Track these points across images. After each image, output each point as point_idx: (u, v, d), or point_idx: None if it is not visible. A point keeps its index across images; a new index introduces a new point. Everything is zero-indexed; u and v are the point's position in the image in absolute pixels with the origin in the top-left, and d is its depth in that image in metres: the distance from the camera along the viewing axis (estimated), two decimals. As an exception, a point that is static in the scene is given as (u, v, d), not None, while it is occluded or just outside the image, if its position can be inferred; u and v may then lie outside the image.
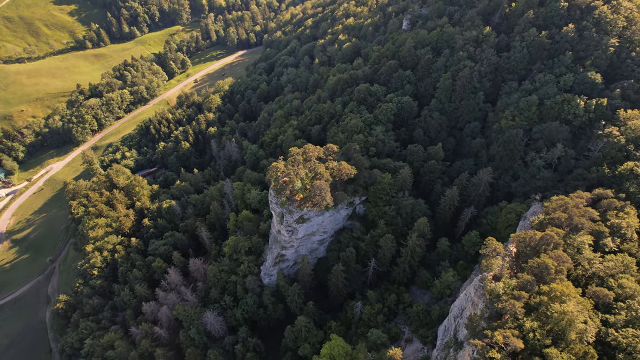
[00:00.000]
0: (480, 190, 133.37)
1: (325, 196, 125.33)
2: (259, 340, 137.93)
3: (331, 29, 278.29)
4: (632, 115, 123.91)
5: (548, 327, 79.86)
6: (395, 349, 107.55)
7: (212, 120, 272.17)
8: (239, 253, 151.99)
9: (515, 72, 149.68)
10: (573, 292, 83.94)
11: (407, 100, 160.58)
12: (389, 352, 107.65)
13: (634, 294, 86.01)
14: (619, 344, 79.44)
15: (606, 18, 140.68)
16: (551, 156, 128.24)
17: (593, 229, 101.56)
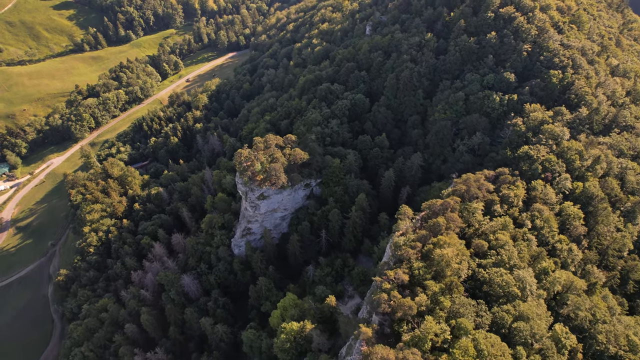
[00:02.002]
0: (413, 172, 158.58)
1: (280, 176, 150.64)
2: (228, 300, 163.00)
3: (308, 34, 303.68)
4: (535, 108, 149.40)
5: (434, 268, 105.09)
6: (331, 296, 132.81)
7: (199, 118, 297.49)
8: (213, 228, 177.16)
9: (450, 73, 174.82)
10: (455, 242, 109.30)
11: (360, 97, 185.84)
12: (326, 300, 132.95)
13: (504, 244, 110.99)
14: (485, 279, 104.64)
15: (522, 27, 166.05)
16: (472, 143, 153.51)
17: (488, 198, 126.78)
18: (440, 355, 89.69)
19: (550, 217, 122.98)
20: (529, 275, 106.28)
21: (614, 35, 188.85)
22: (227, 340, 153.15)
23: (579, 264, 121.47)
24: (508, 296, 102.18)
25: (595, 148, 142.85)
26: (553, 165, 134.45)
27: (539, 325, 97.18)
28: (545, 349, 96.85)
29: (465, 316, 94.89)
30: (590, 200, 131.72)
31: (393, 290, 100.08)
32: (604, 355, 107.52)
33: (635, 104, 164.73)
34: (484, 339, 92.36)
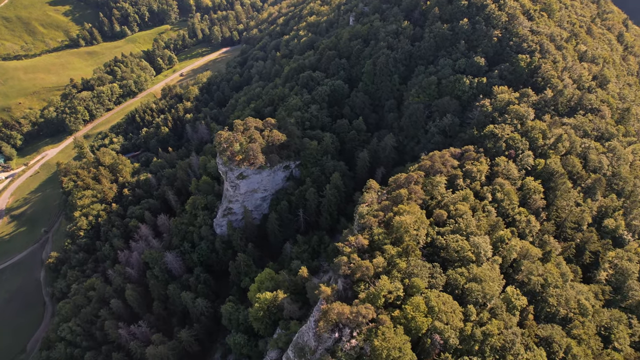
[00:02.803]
0: (387, 152, 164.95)
1: (258, 156, 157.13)
2: (209, 276, 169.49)
3: (297, 26, 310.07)
4: (502, 90, 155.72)
5: (393, 234, 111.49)
6: (303, 268, 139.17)
7: (190, 109, 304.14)
8: (196, 209, 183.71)
9: (425, 58, 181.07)
10: (415, 210, 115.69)
11: (339, 83, 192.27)
12: (299, 272, 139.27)
13: (463, 214, 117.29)
14: (442, 245, 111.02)
15: (494, 14, 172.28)
16: (443, 124, 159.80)
17: (452, 173, 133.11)
18: (394, 311, 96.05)
19: (510, 191, 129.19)
20: (485, 242, 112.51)
21: (586, 23, 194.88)
22: (207, 314, 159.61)
23: (537, 234, 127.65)
24: (463, 260, 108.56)
25: (559, 128, 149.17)
26: (517, 143, 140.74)
27: (490, 287, 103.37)
28: (495, 308, 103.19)
29: (419, 276, 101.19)
30: (551, 176, 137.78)
31: (353, 254, 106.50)
32: (555, 316, 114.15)
33: (602, 88, 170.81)
34: (436, 297, 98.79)
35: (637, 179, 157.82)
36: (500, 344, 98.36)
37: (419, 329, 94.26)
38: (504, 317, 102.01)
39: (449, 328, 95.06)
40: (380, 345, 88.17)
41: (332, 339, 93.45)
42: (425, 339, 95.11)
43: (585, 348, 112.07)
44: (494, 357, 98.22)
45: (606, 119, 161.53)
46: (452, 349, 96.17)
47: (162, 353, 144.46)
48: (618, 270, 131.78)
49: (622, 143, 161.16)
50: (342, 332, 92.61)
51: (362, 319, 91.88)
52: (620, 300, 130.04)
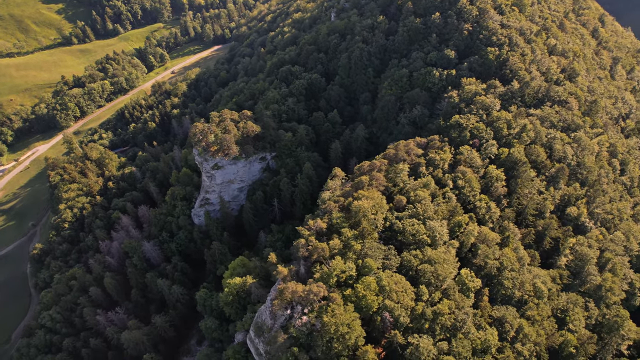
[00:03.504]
0: (359, 143, 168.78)
1: (232, 146, 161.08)
2: (186, 265, 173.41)
3: (283, 23, 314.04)
4: (470, 82, 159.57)
5: (352, 218, 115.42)
6: (272, 254, 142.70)
7: (177, 104, 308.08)
8: (175, 200, 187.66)
9: (398, 52, 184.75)
10: (375, 196, 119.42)
11: (316, 77, 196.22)
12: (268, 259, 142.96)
13: (421, 200, 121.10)
14: (399, 228, 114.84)
15: (465, 8, 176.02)
16: (413, 115, 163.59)
17: (415, 161, 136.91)
18: (346, 290, 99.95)
19: (472, 178, 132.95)
20: (441, 226, 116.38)
21: (558, 18, 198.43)
22: (183, 301, 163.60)
23: (497, 220, 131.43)
24: (418, 243, 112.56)
25: (524, 119, 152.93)
26: (481, 133, 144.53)
27: (443, 269, 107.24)
28: (448, 289, 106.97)
29: (373, 258, 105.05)
30: (515, 165, 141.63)
31: (311, 237, 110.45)
32: (511, 299, 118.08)
33: (571, 81, 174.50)
34: (388, 277, 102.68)
35: (602, 169, 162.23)
36: (451, 323, 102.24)
37: (369, 307, 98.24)
38: (456, 297, 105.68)
39: (399, 307, 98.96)
40: (329, 321, 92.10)
41: (284, 316, 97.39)
42: (375, 317, 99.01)
43: (539, 328, 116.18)
44: (444, 335, 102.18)
45: (573, 110, 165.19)
46: (402, 326, 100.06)
47: (136, 338, 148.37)
48: (578, 256, 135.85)
49: (589, 134, 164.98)
50: (294, 310, 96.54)
51: (314, 296, 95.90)
52: (579, 285, 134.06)
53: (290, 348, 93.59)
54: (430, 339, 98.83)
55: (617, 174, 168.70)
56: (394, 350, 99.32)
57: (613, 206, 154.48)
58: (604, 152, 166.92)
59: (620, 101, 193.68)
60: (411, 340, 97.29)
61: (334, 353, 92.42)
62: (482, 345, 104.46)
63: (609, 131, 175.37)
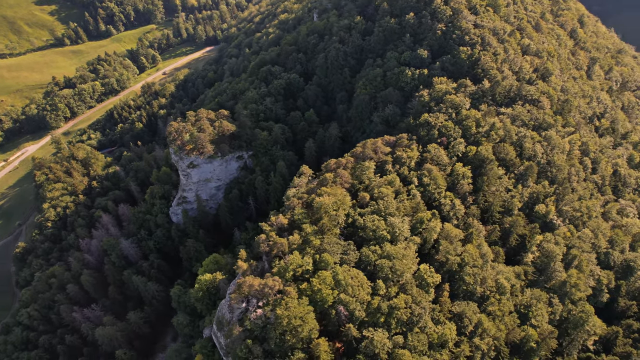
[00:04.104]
0: (332, 142, 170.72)
1: (206, 145, 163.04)
2: (163, 262, 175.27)
3: (269, 24, 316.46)
4: (441, 81, 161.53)
5: (314, 215, 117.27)
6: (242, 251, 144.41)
7: (165, 105, 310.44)
8: (154, 198, 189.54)
9: (374, 52, 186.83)
10: (338, 193, 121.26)
11: (294, 77, 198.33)
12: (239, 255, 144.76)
13: (384, 197, 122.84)
14: (361, 224, 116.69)
15: (439, 8, 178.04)
16: (385, 114, 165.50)
17: (382, 159, 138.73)
18: (302, 284, 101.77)
19: (438, 176, 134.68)
20: (402, 222, 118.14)
21: (534, 19, 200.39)
22: (159, 298, 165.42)
23: (462, 217, 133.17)
24: (378, 239, 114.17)
25: (494, 117, 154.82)
26: (449, 131, 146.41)
27: (401, 264, 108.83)
28: (406, 284, 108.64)
29: (330, 253, 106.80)
30: (483, 163, 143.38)
31: (272, 232, 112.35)
32: (472, 294, 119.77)
33: (544, 81, 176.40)
34: (345, 272, 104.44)
35: (573, 168, 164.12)
36: (407, 317, 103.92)
37: (325, 301, 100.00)
38: (414, 292, 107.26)
39: (354, 301, 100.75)
40: (283, 314, 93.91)
41: (241, 309, 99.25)
42: (330, 311, 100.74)
43: (499, 324, 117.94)
44: (400, 329, 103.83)
45: (545, 109, 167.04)
46: (358, 320, 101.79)
47: (110, 334, 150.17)
48: (544, 253, 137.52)
49: (561, 133, 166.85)
50: (250, 303, 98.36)
51: (269, 290, 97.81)
52: (545, 281, 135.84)
53: (244, 340, 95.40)
54: (386, 332, 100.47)
55: (589, 172, 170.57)
56: (352, 344, 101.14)
57: (582, 204, 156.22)
58: (575, 151, 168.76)
59: (595, 101, 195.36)
60: (366, 333, 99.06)
61: (288, 345, 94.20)
62: (439, 339, 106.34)
63: (582, 130, 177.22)
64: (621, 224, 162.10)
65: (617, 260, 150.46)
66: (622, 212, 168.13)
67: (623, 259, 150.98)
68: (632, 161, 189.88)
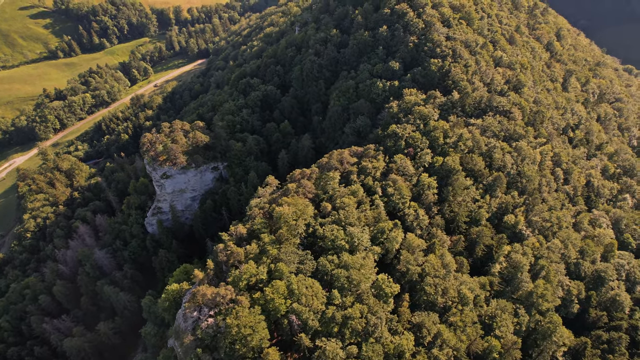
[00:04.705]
0: (305, 153, 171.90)
1: (179, 156, 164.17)
2: (137, 272, 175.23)
3: (256, 37, 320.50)
4: (411, 92, 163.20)
5: (274, 224, 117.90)
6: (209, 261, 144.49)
7: (151, 116, 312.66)
8: (130, 209, 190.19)
9: (349, 64, 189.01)
10: (299, 203, 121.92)
11: (271, 89, 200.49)
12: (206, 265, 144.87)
13: (345, 207, 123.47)
14: (320, 234, 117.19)
15: (411, 21, 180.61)
16: (357, 125, 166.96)
17: (348, 169, 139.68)
18: (255, 293, 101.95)
19: (402, 186, 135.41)
20: (361, 232, 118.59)
21: (508, 32, 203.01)
22: (131, 308, 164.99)
23: (425, 227, 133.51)
24: (336, 249, 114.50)
25: (463, 128, 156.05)
26: (416, 142, 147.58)
27: (357, 274, 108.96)
28: (362, 294, 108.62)
29: (286, 262, 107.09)
30: (449, 173, 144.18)
31: (230, 242, 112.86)
32: (434, 305, 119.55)
33: (517, 92, 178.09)
34: (299, 281, 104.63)
35: (544, 178, 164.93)
36: (362, 327, 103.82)
37: (277, 310, 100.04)
38: (370, 302, 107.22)
39: (307, 310, 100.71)
40: (232, 323, 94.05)
41: (193, 318, 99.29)
42: (283, 320, 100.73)
43: (461, 334, 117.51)
44: (355, 339, 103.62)
45: (516, 120, 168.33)
46: (311, 330, 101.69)
47: (78, 345, 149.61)
48: (511, 264, 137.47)
49: (532, 144, 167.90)
50: (202, 312, 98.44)
51: (221, 299, 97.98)
52: (512, 292, 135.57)
53: (195, 349, 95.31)
54: (340, 342, 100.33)
55: (561, 183, 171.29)
56: (305, 354, 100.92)
57: (553, 214, 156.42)
58: (547, 162, 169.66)
59: (569, 112, 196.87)
60: (319, 343, 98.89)
61: (238, 355, 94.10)
62: (396, 350, 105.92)
63: (554, 141, 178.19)
64: (593, 234, 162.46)
65: (588, 270, 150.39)
66: (594, 222, 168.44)
67: (594, 270, 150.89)
68: (607, 172, 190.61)
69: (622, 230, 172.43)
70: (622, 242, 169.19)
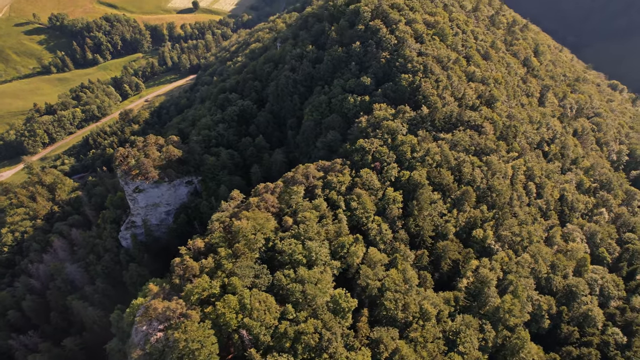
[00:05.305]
0: (277, 167, 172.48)
1: (150, 170, 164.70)
2: (109, 287, 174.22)
3: (242, 53, 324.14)
4: (381, 107, 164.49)
5: (234, 238, 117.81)
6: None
7: (137, 131, 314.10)
8: (105, 222, 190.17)
9: (323, 79, 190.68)
10: (259, 217, 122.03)
11: (248, 104, 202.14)
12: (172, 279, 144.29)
13: (306, 222, 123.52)
14: (279, 248, 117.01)
15: (384, 37, 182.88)
16: (327, 140, 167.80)
17: (313, 184, 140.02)
18: (207, 307, 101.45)
19: (366, 200, 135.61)
20: (320, 246, 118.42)
21: (483, 48, 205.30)
22: (100, 323, 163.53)
23: (389, 242, 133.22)
24: (293, 263, 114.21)
25: (431, 142, 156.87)
26: (383, 156, 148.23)
27: (313, 288, 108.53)
28: (317, 308, 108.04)
29: (242, 277, 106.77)
30: (416, 187, 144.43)
31: (186, 256, 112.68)
32: (395, 320, 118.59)
33: (489, 107, 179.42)
34: (253, 295, 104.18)
35: (515, 192, 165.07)
36: (315, 342, 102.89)
37: (228, 325, 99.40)
38: (325, 317, 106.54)
39: (259, 325, 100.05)
40: (180, 337, 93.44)
41: (143, 332, 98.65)
42: (233, 335, 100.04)
43: (421, 350, 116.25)
44: (308, 355, 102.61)
45: (488, 135, 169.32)
46: (263, 345, 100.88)
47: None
48: (478, 278, 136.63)
49: (504, 158, 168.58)
50: (151, 326, 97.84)
51: (171, 313, 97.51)
52: (479, 307, 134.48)
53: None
54: (292, 358, 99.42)
55: (533, 197, 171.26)
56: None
57: (523, 229, 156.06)
58: (520, 176, 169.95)
59: (544, 127, 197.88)
60: (270, 359, 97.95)
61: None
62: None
63: (527, 155, 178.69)
64: (565, 248, 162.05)
65: (559, 285, 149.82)
66: (567, 236, 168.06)
67: (565, 284, 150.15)
68: (582, 186, 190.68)
69: (597, 245, 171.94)
70: (597, 256, 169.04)
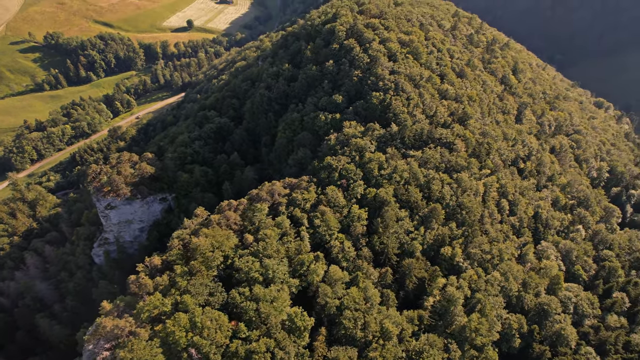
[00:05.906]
0: (249, 184, 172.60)
1: (121, 187, 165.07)
2: (78, 304, 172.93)
3: (228, 71, 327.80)
4: (351, 124, 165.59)
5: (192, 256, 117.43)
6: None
7: (122, 148, 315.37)
8: (79, 239, 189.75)
9: (298, 97, 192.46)
10: (219, 234, 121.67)
11: (224, 121, 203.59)
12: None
13: (266, 239, 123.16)
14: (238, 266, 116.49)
15: (357, 56, 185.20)
16: (298, 157, 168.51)
17: (278, 201, 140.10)
18: (157, 325, 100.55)
19: (330, 218, 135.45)
20: (277, 264, 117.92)
21: (459, 65, 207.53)
22: (67, 342, 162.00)
23: (352, 259, 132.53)
24: (250, 281, 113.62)
25: (399, 160, 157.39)
26: (350, 174, 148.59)
27: (268, 307, 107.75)
28: (271, 327, 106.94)
29: (195, 294, 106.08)
30: (382, 205, 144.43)
31: (142, 273, 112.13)
32: (354, 339, 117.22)
33: (462, 124, 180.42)
34: (205, 313, 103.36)
35: (487, 210, 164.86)
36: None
37: (177, 343, 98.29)
38: (279, 336, 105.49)
39: (208, 344, 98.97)
40: (125, 356, 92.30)
41: (90, 351, 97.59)
42: (182, 354, 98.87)
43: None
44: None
45: (459, 152, 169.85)
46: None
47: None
48: (445, 297, 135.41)
49: (476, 175, 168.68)
50: (98, 345, 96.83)
51: (120, 331, 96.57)
52: (445, 326, 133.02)
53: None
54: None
55: (506, 214, 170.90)
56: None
57: (494, 247, 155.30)
58: (492, 193, 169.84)
59: (520, 144, 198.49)
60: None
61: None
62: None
63: (501, 172, 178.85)
64: (538, 266, 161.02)
65: (531, 303, 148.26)
66: (541, 254, 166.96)
67: (537, 303, 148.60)
68: (558, 203, 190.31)
69: (573, 262, 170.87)
70: (572, 274, 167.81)
